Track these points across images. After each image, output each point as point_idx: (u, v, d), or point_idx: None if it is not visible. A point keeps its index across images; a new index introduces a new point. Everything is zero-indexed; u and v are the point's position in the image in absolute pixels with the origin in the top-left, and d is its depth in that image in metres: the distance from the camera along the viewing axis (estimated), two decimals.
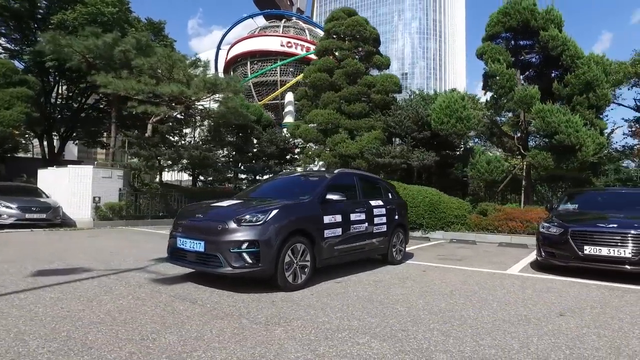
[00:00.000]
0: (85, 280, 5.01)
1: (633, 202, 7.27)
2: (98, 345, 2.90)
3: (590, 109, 12.40)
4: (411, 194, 12.68)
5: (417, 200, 12.62)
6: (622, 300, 4.80)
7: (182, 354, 2.80)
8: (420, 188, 13.25)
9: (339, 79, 16.54)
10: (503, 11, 13.63)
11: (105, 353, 2.78)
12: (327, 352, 2.91)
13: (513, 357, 2.93)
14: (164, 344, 2.96)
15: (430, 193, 12.89)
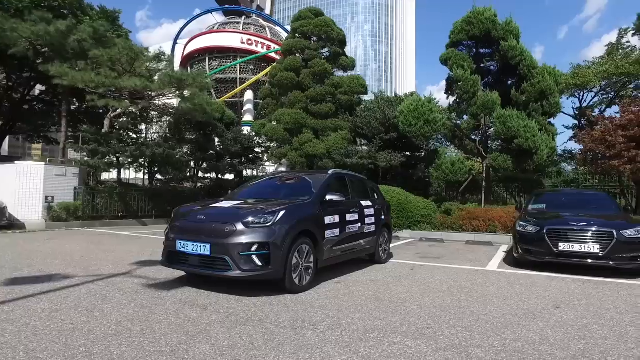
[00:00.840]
0: (72, 288, 4.61)
1: (591, 202, 7.97)
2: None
3: (544, 116, 13.39)
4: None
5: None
6: (599, 292, 5.23)
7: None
8: (389, 188, 13.56)
9: (305, 78, 16.52)
10: (467, 20, 14.32)
11: None
12: (371, 354, 2.91)
13: (539, 348, 3.10)
14: (199, 355, 2.80)
15: (398, 193, 13.25)
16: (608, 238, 6.14)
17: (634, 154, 11.48)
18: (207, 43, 34.27)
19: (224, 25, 36.53)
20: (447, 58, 14.80)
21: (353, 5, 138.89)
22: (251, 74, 33.34)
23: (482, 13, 14.02)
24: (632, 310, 4.36)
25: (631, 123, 11.78)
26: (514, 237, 7.18)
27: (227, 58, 34.30)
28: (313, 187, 5.72)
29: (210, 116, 15.81)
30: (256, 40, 34.15)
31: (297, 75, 16.78)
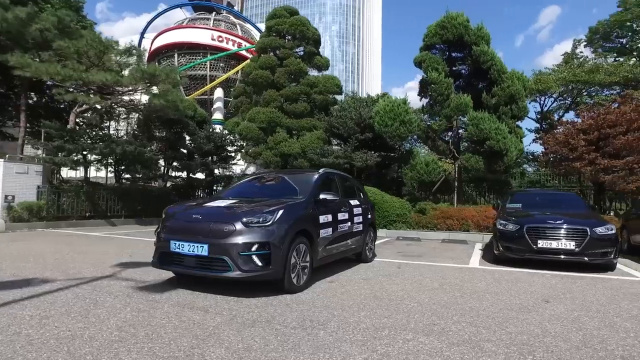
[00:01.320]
0: (56, 293, 4.33)
1: (562, 201, 8.42)
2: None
3: (513, 119, 13.99)
4: None
5: None
6: (578, 285, 5.53)
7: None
8: (365, 188, 13.69)
9: (281, 77, 16.40)
10: (441, 24, 14.71)
11: None
12: (389, 351, 2.92)
13: (544, 340, 3.23)
14: (217, 359, 2.71)
15: (374, 193, 13.42)
16: (582, 235, 6.50)
17: (594, 156, 12.22)
18: (176, 38, 33.12)
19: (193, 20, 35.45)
20: (422, 60, 15.15)
21: (321, 5, 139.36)
22: (221, 71, 32.57)
23: (455, 18, 14.45)
24: (612, 302, 4.63)
25: (591, 128, 12.54)
26: (495, 235, 7.45)
27: (196, 54, 33.32)
28: (305, 185, 5.67)
29: (183, 113, 15.35)
30: (227, 37, 33.39)
31: (272, 74, 16.62)
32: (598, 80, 19.73)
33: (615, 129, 11.98)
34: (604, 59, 23.39)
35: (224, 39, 33.13)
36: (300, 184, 5.77)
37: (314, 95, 16.47)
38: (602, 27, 25.00)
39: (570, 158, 12.59)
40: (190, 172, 17.57)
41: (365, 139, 15.75)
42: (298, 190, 5.55)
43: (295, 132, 16.25)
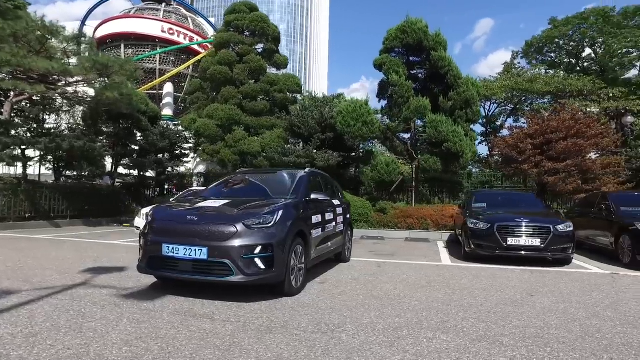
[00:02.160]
0: (28, 306, 3.84)
1: (522, 201, 9.04)
2: None
3: (467, 122, 14.76)
4: None
5: None
6: (549, 279, 5.94)
7: None
8: None
9: (240, 74, 15.98)
10: (401, 29, 15.14)
11: None
12: (420, 351, 2.93)
13: (550, 332, 3.41)
14: None
15: None
16: (547, 233, 7.01)
17: (539, 159, 13.23)
18: (123, 28, 30.79)
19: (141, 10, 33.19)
20: (382, 63, 15.49)
21: (269, 3, 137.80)
22: (172, 65, 30.91)
23: (415, 23, 14.95)
24: (584, 293, 5.03)
25: (537, 133, 13.56)
26: (466, 233, 7.79)
27: (145, 47, 31.27)
28: (294, 185, 5.54)
29: (136, 108, 14.42)
30: (178, 31, 31.71)
31: (231, 70, 16.13)
32: (537, 90, 21.50)
33: (557, 135, 13.07)
34: (538, 70, 25.50)
35: (175, 32, 31.45)
36: (288, 183, 5.63)
37: (274, 93, 16.23)
38: (536, 41, 27.24)
39: (520, 160, 13.52)
40: (142, 170, 16.55)
41: (326, 139, 15.81)
42: (288, 189, 5.41)
43: (253, 131, 15.89)
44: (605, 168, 13.45)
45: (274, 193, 5.29)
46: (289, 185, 5.53)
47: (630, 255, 7.17)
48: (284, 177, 5.92)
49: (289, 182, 5.62)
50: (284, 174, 6.02)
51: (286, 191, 5.31)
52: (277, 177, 5.99)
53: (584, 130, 13.32)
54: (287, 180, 5.73)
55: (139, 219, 9.69)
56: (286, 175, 5.97)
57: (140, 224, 9.56)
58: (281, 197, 5.09)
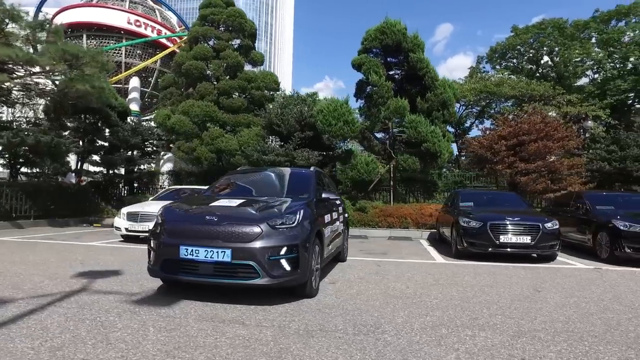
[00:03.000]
0: (34, 316, 3.50)
1: (506, 200, 9.39)
2: None
3: (444, 123, 15.16)
4: None
5: None
6: (545, 275, 6.19)
7: None
8: None
9: (217, 70, 15.53)
10: (380, 30, 15.30)
11: None
12: (468, 348, 2.94)
13: (578, 326, 3.53)
14: None
15: None
16: (536, 230, 7.31)
17: (512, 160, 13.83)
18: (86, 18, 28.72)
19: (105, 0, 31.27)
20: (361, 63, 15.60)
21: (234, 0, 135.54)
22: (138, 59, 29.32)
23: (394, 25, 15.16)
24: (583, 288, 5.27)
25: (510, 134, 14.16)
26: (457, 232, 7.96)
27: (109, 38, 29.38)
28: (304, 183, 5.44)
29: (107, 102, 13.63)
30: (145, 23, 30.10)
31: (207, 66, 15.64)
32: (504, 93, 22.50)
33: (529, 137, 13.72)
34: (501, 75, 26.72)
35: (141, 24, 29.86)
36: (298, 182, 5.52)
37: (252, 91, 15.90)
38: (500, 47, 28.56)
39: (494, 161, 14.07)
40: (111, 167, 15.68)
41: (305, 137, 15.69)
42: (299, 188, 5.28)
43: (230, 128, 15.49)
44: (571, 169, 14.27)
45: (286, 192, 5.15)
46: (300, 183, 5.42)
47: (608, 251, 7.62)
48: (293, 175, 5.79)
49: (300, 181, 5.51)
50: (293, 172, 5.89)
51: (299, 190, 5.19)
52: (286, 176, 5.84)
53: (552, 133, 14.07)
54: (297, 178, 5.62)
55: (119, 219, 9.17)
56: (295, 173, 5.85)
57: (120, 225, 9.06)
58: (295, 196, 4.97)
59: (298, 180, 5.58)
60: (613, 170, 14.77)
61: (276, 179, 5.83)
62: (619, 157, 14.80)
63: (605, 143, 15.51)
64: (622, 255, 7.32)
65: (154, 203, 9.84)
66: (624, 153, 14.69)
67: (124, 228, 8.95)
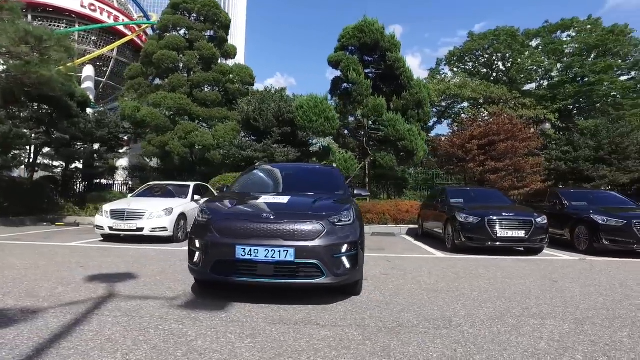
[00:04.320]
0: (83, 325, 3.16)
1: (491, 196, 9.88)
2: None
3: (419, 122, 15.62)
4: None
5: None
6: (545, 266, 6.61)
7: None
8: None
9: (190, 61, 14.85)
10: (359, 28, 15.42)
11: None
12: (553, 336, 3.07)
13: (617, 312, 3.82)
14: None
15: None
16: (529, 225, 7.78)
17: (483, 159, 14.59)
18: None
19: None
20: (339, 60, 15.64)
21: None
22: (93, 46, 26.87)
23: (373, 24, 15.36)
24: (589, 277, 5.69)
25: (481, 134, 14.90)
26: (454, 227, 8.24)
27: (59, 21, 26.55)
28: (334, 181, 5.40)
29: (69, 91, 12.51)
30: (101, 8, 27.58)
31: (180, 57, 14.90)
32: (466, 95, 23.64)
33: (498, 137, 14.54)
34: (461, 77, 28.06)
35: (97, 9, 27.37)
36: (328, 179, 5.46)
37: (227, 84, 15.38)
38: (458, 52, 29.95)
39: (467, 159, 14.75)
40: (69, 161, 14.43)
41: (282, 133, 15.50)
42: (332, 185, 5.22)
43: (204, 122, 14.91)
44: (533, 168, 15.31)
45: (324, 188, 5.05)
46: (330, 180, 5.35)
47: (587, 243, 8.30)
48: (320, 172, 5.71)
49: (330, 178, 5.45)
50: (320, 169, 5.82)
51: (334, 186, 5.13)
52: (314, 172, 5.73)
53: (517, 133, 15.01)
54: (326, 175, 5.54)
55: (101, 217, 8.50)
56: (322, 170, 5.76)
57: (103, 223, 8.41)
58: (331, 193, 4.90)
59: (328, 177, 5.50)
60: (567, 170, 16.06)
61: (305, 175, 5.70)
62: (572, 158, 16.11)
63: (560, 145, 16.82)
64: (599, 247, 8.00)
65: (137, 200, 9.26)
66: (577, 154, 16.02)
67: (108, 227, 8.32)
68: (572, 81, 26.39)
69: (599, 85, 24.27)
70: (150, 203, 8.80)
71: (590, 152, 15.83)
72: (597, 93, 24.22)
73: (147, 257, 6.71)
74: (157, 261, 6.28)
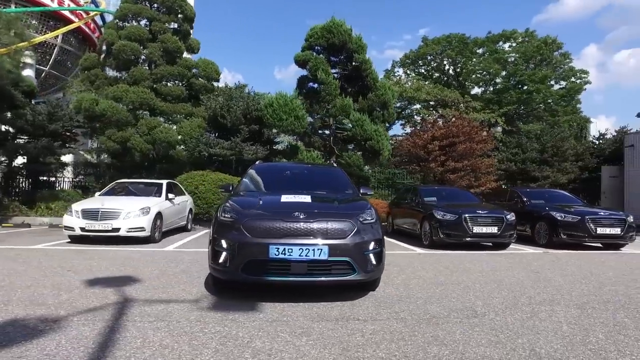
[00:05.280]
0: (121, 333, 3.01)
1: (459, 195, 10.52)
2: None
3: (383, 123, 16.12)
4: None
5: None
6: (519, 259, 7.21)
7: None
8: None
9: (154, 54, 14.16)
10: (327, 28, 15.56)
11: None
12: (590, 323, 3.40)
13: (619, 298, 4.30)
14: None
15: None
16: (501, 222, 8.41)
17: (444, 159, 15.41)
18: None
19: None
20: (307, 60, 15.70)
21: None
22: (34, 31, 24.25)
23: (341, 25, 15.58)
24: (561, 267, 6.30)
25: (442, 136, 15.72)
26: (431, 224, 8.68)
27: None
28: (341, 181, 5.52)
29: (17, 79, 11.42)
30: None
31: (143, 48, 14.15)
32: (422, 98, 24.71)
33: (458, 139, 15.42)
34: (415, 80, 29.29)
35: None
36: (335, 178, 5.57)
37: (193, 79, 14.85)
38: (412, 55, 31.20)
39: (429, 160, 15.49)
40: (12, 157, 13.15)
41: (250, 131, 15.26)
42: (340, 184, 5.34)
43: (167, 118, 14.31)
44: (487, 168, 16.42)
45: (334, 188, 5.14)
46: (337, 179, 5.47)
47: (546, 238, 9.12)
48: (326, 171, 5.79)
49: (335, 177, 5.57)
50: (324, 169, 5.89)
51: (343, 186, 5.24)
52: (320, 172, 5.80)
53: (474, 136, 16.02)
54: (331, 174, 5.64)
55: (70, 217, 7.92)
56: (326, 169, 5.86)
57: (72, 224, 7.85)
58: (341, 192, 5.01)
59: (334, 177, 5.62)
60: (516, 170, 17.41)
61: (313, 175, 5.76)
62: (520, 159, 17.49)
63: (509, 147, 18.19)
64: (558, 240, 8.85)
65: (110, 198, 8.74)
66: (524, 156, 17.42)
67: (79, 227, 7.78)
68: (514, 88, 28.60)
69: (538, 93, 26.61)
70: (126, 202, 8.34)
71: (536, 154, 17.28)
72: (535, 100, 26.59)
73: (132, 259, 6.39)
74: (146, 263, 6.01)
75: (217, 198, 12.40)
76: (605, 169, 16.33)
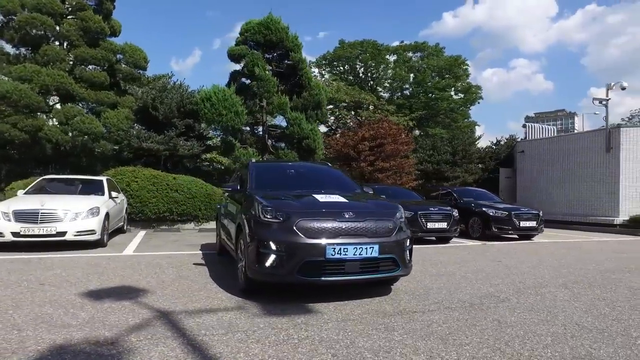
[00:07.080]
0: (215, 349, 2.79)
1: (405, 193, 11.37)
2: None
3: (316, 122, 16.46)
4: (186, 184, 12.21)
5: (192, 191, 12.27)
6: (473, 251, 8.17)
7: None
8: (193, 179, 12.85)
9: (71, 32, 12.40)
10: (265, 24, 15.29)
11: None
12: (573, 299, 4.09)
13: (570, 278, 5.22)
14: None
15: (203, 184, 12.79)
16: (449, 217, 9.38)
17: (373, 159, 16.38)
18: None
19: None
20: (242, 55, 15.29)
21: None
22: None
23: (278, 22, 15.47)
24: (512, 256, 7.34)
25: (371, 137, 16.66)
26: None
27: None
28: (343, 179, 5.68)
29: None
30: None
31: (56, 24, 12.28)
32: (341, 99, 25.66)
33: (386, 140, 16.51)
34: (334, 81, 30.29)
35: None
36: (337, 177, 5.71)
37: (118, 65, 13.34)
38: (330, 56, 32.22)
39: (359, 159, 16.29)
40: None
41: (185, 125, 14.31)
42: (343, 183, 5.48)
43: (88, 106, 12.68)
44: (409, 168, 17.90)
45: (343, 187, 5.25)
46: (339, 178, 5.61)
47: (479, 231, 10.41)
48: (326, 170, 5.85)
49: (337, 176, 5.70)
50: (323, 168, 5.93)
51: (350, 185, 5.40)
52: (322, 170, 5.83)
53: (398, 137, 17.32)
54: (333, 173, 5.75)
55: None
56: (324, 168, 5.90)
57: (3, 228, 6.59)
58: (353, 191, 5.16)
59: (336, 175, 5.76)
60: (432, 170, 19.29)
61: (320, 174, 5.78)
62: (435, 160, 19.43)
63: (426, 149, 20.06)
64: (490, 233, 10.19)
65: (49, 198, 7.48)
66: (439, 157, 19.39)
67: (11, 232, 6.55)
68: (423, 94, 31.50)
69: (442, 101, 29.83)
70: (70, 202, 7.25)
71: (449, 156, 19.37)
72: (441, 106, 29.81)
73: (101, 266, 5.66)
74: (125, 270, 5.38)
75: (152, 196, 11.45)
76: (502, 171, 19.06)
